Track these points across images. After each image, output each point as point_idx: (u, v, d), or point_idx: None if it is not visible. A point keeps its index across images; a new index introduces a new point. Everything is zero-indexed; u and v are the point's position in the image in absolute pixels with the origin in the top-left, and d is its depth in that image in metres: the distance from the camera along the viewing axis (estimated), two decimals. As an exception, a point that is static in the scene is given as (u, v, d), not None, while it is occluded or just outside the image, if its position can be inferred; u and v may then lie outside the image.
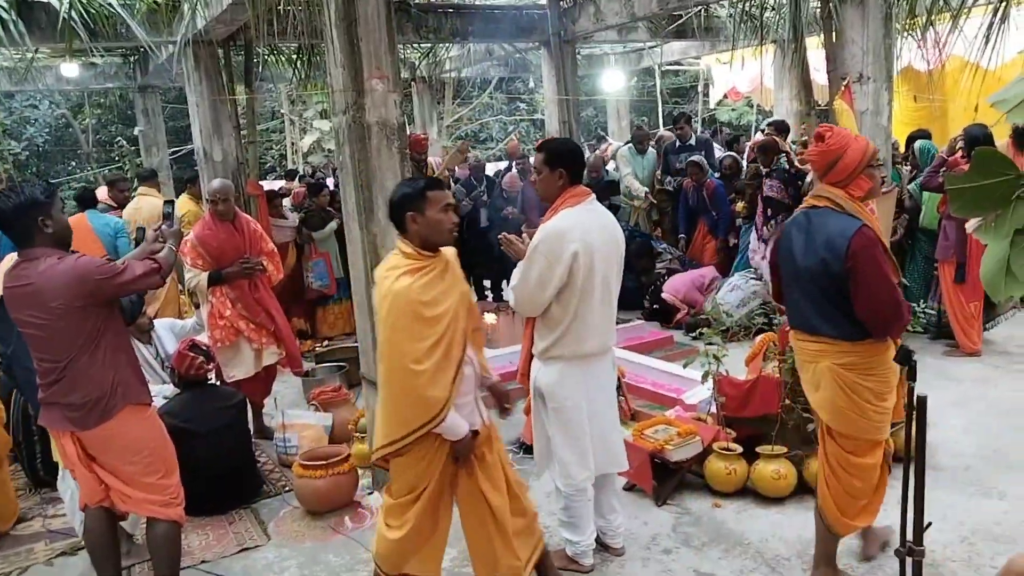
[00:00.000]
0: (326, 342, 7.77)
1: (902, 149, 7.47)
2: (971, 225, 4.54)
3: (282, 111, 17.79)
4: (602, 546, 3.59)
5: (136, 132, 12.45)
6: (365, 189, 4.09)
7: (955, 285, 6.08)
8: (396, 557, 2.98)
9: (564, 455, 3.38)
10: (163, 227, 3.43)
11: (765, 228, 7.22)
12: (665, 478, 4.11)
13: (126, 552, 3.84)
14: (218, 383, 5.09)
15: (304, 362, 7.16)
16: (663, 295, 7.77)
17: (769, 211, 7.16)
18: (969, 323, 6.09)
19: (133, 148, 15.34)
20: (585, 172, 8.59)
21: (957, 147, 6.00)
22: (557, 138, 3.55)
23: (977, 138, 5.68)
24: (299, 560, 3.80)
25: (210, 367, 4.60)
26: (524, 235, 3.43)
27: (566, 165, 3.31)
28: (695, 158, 8.10)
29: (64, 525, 4.23)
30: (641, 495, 4.16)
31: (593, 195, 3.34)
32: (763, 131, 7.44)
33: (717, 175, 8.27)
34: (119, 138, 17.00)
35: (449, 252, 2.98)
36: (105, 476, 3.20)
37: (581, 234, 3.18)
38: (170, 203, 4.12)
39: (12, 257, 3.19)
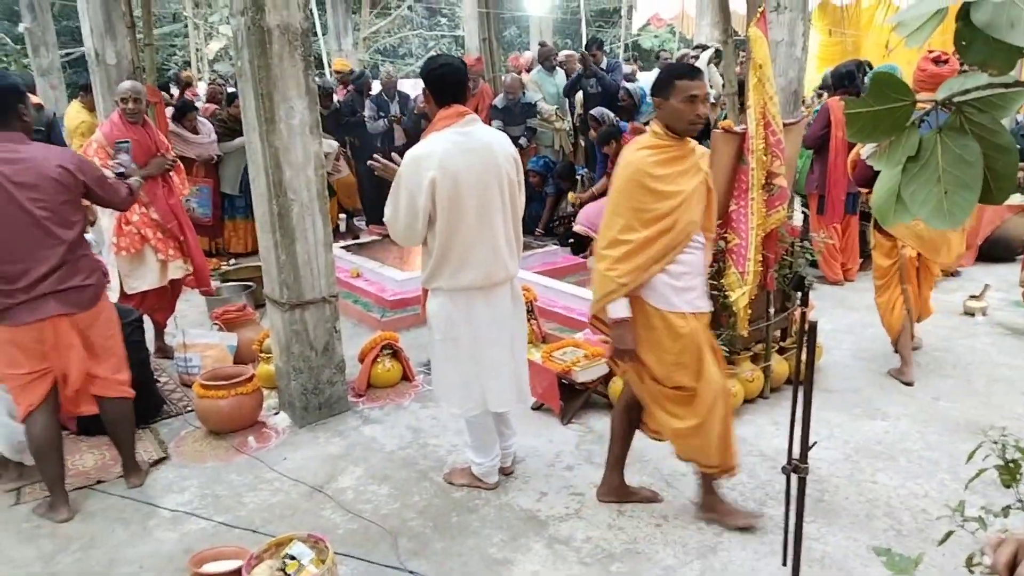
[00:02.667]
0: (232, 260, 7.51)
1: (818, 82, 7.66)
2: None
3: (185, 14, 16.65)
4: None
5: (22, 29, 11.43)
6: (266, 99, 3.86)
7: (818, 216, 6.43)
8: (703, 442, 3.02)
9: (445, 384, 3.38)
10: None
11: None
12: (572, 398, 4.20)
13: (18, 476, 3.70)
14: (116, 299, 4.85)
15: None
16: (575, 227, 7.80)
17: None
18: (832, 255, 6.43)
19: (19, 47, 14.13)
20: (501, 94, 8.47)
21: (820, 85, 6.31)
22: (434, 56, 3.38)
23: (843, 76, 6.06)
24: (200, 479, 3.73)
25: (106, 282, 4.36)
26: (396, 157, 3.31)
27: (431, 86, 3.19)
28: (594, 112, 8.01)
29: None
30: (548, 414, 4.23)
31: (471, 116, 3.16)
32: (692, 57, 7.44)
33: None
34: (3, 36, 15.62)
35: (699, 148, 3.01)
36: (88, 362, 3.41)
37: (440, 160, 3.04)
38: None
39: None
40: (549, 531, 3.20)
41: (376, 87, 9.18)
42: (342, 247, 7.31)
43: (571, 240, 7.86)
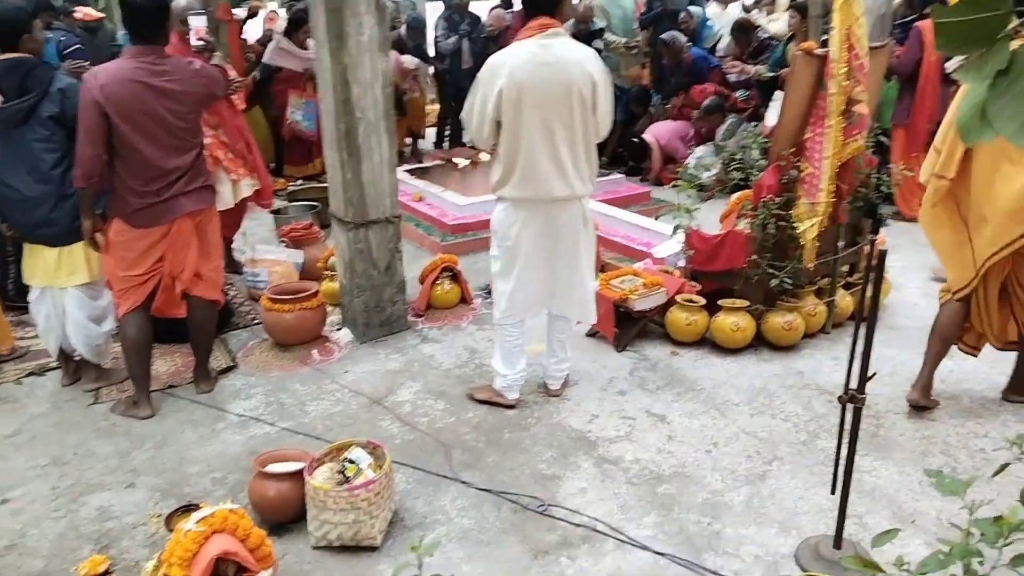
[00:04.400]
0: (299, 181, 7.63)
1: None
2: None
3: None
4: (542, 385, 3.71)
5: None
6: (335, 15, 3.85)
7: (904, 147, 6.06)
8: None
9: (497, 288, 3.47)
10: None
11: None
12: (628, 326, 4.20)
13: (96, 377, 3.92)
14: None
15: (276, 200, 7.09)
16: (643, 135, 7.66)
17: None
18: (911, 189, 6.03)
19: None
20: (571, 21, 8.22)
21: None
22: None
23: None
24: (266, 388, 3.90)
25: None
26: None
27: None
28: (664, 37, 7.71)
29: (32, 347, 4.28)
30: (603, 341, 4.25)
31: (554, 29, 3.15)
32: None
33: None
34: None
35: None
36: (199, 260, 3.64)
37: (511, 70, 3.08)
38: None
39: None
40: (599, 451, 3.26)
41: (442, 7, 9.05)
42: (406, 170, 7.34)
43: (621, 149, 7.76)
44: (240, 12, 8.31)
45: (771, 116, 6.49)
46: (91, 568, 2.59)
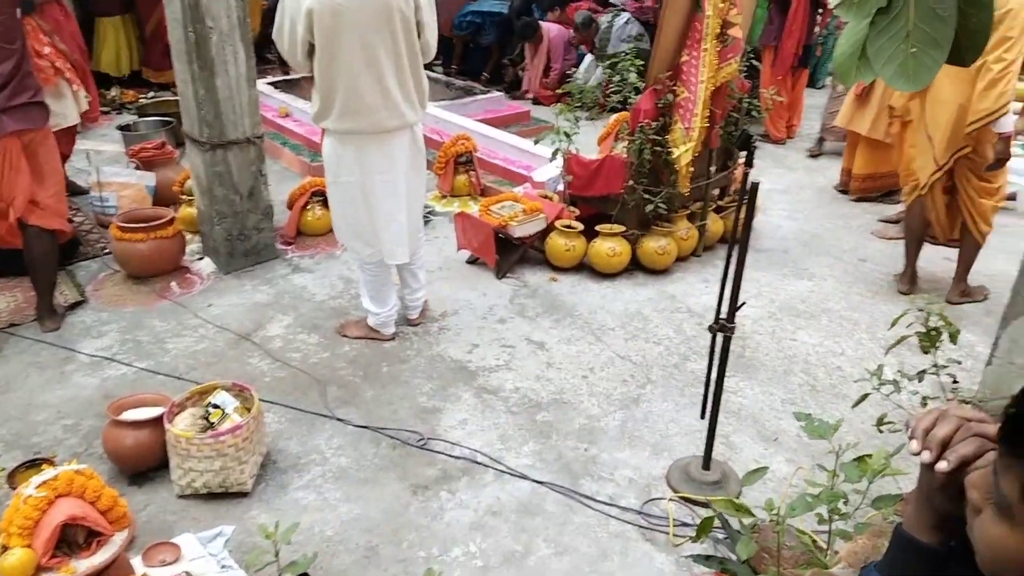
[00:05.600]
0: (152, 93, 7.00)
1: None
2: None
3: None
4: (402, 318, 3.61)
5: None
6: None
7: (771, 69, 6.26)
8: None
9: (339, 228, 3.32)
10: None
11: None
12: (508, 253, 4.15)
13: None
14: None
15: (126, 114, 6.51)
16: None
17: None
18: (778, 112, 6.24)
19: None
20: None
21: None
22: None
23: None
24: (121, 324, 3.61)
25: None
26: None
27: None
28: None
29: None
30: (483, 268, 4.19)
31: None
32: None
33: None
34: None
35: None
36: (33, 186, 3.30)
37: None
38: None
39: None
40: (478, 381, 3.24)
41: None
42: (269, 83, 6.87)
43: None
44: None
45: None
46: (-78, 534, 2.35)
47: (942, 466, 0.79)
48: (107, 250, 4.23)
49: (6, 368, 3.27)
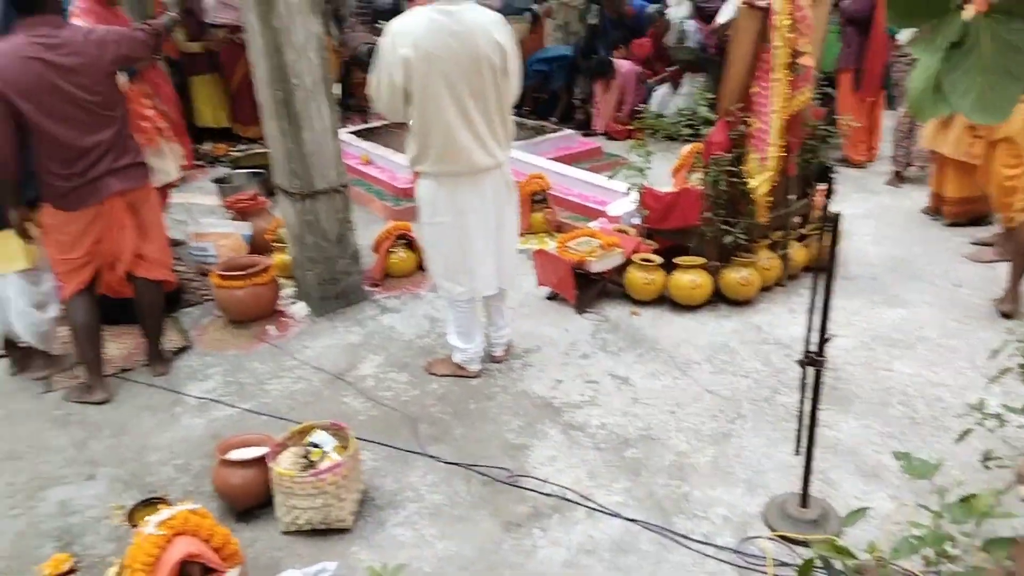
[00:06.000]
0: (242, 146, 7.38)
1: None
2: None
3: None
4: (488, 355, 3.68)
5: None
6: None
7: (855, 93, 6.13)
8: None
9: (435, 269, 3.44)
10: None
11: None
12: (586, 288, 4.19)
13: (45, 364, 3.77)
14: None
15: (220, 167, 6.86)
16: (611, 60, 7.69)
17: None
18: (858, 135, 6.10)
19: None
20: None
21: None
22: None
23: None
24: (224, 367, 3.81)
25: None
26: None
27: None
28: None
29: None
30: (563, 304, 4.24)
31: None
32: None
33: None
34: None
35: None
36: (138, 241, 3.51)
37: (416, 40, 2.96)
38: None
39: None
40: (564, 417, 3.27)
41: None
42: (351, 131, 7.15)
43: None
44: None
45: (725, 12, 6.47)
46: (54, 567, 2.53)
47: None
48: (208, 297, 4.47)
49: (120, 411, 3.49)
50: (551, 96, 8.41)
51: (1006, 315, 3.84)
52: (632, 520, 2.66)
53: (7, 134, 3.11)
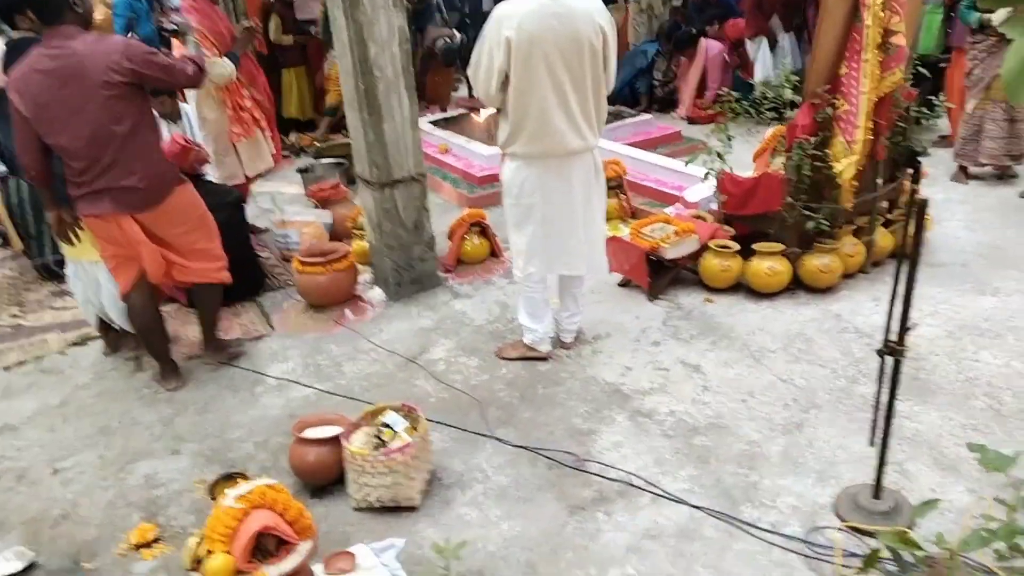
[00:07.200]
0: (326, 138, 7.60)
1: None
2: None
3: None
4: (555, 340, 3.68)
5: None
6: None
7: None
8: None
9: (515, 246, 3.46)
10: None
11: None
12: (660, 275, 4.14)
13: (136, 345, 3.98)
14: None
15: (304, 157, 7.09)
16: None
17: None
18: (958, 115, 5.68)
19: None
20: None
21: None
22: None
23: None
24: (303, 349, 3.95)
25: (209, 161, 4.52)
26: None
27: None
28: None
29: (74, 318, 4.37)
30: (636, 290, 4.21)
31: None
32: None
33: None
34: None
35: None
36: (167, 253, 3.44)
37: (520, 21, 2.99)
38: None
39: None
40: (633, 404, 3.25)
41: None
42: (429, 122, 7.26)
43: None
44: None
45: None
46: (140, 536, 2.70)
47: None
48: (289, 281, 4.64)
49: (204, 391, 3.66)
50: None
51: None
52: (698, 507, 2.63)
53: (26, 143, 3.19)
